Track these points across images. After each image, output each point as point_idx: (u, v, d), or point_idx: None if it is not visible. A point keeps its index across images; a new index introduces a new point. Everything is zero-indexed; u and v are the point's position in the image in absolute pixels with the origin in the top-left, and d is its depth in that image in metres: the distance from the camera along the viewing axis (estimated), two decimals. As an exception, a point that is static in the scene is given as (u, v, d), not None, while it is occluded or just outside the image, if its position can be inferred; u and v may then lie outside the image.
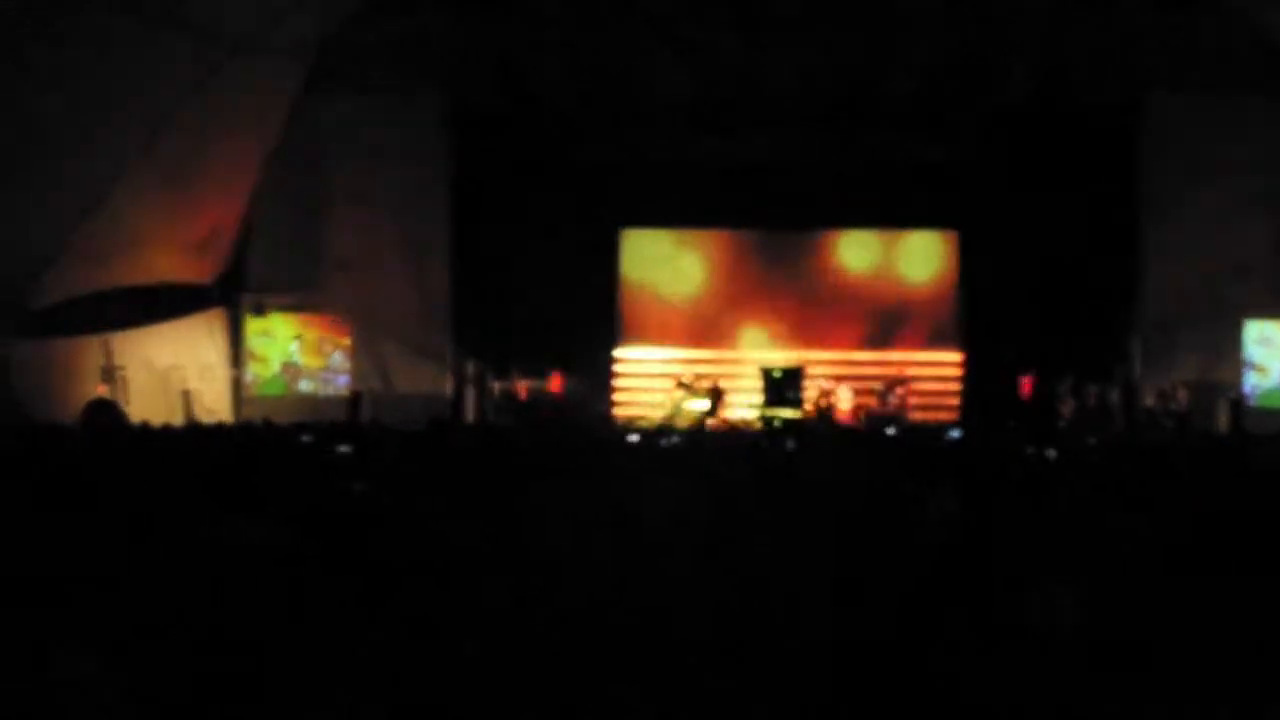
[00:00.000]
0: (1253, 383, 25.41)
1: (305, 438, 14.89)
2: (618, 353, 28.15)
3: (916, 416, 26.72)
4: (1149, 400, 25.37)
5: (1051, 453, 13.60)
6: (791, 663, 4.61)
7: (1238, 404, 24.50)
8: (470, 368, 26.37)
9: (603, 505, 6.96)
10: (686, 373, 27.15)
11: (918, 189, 26.70)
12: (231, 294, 25.67)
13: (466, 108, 26.14)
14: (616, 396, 27.82)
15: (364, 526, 6.48)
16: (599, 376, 27.62)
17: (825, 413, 26.47)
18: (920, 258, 28.30)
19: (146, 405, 21.91)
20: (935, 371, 27.85)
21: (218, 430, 18.32)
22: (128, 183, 21.40)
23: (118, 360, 22.85)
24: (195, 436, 16.71)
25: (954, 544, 6.19)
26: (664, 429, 22.63)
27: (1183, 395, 24.90)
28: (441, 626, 4.74)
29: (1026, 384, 25.84)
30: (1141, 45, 24.01)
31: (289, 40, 22.54)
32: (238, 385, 25.81)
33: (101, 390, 22.40)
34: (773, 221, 27.77)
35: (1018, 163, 26.07)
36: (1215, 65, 23.90)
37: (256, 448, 13.26)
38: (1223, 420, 24.44)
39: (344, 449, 12.57)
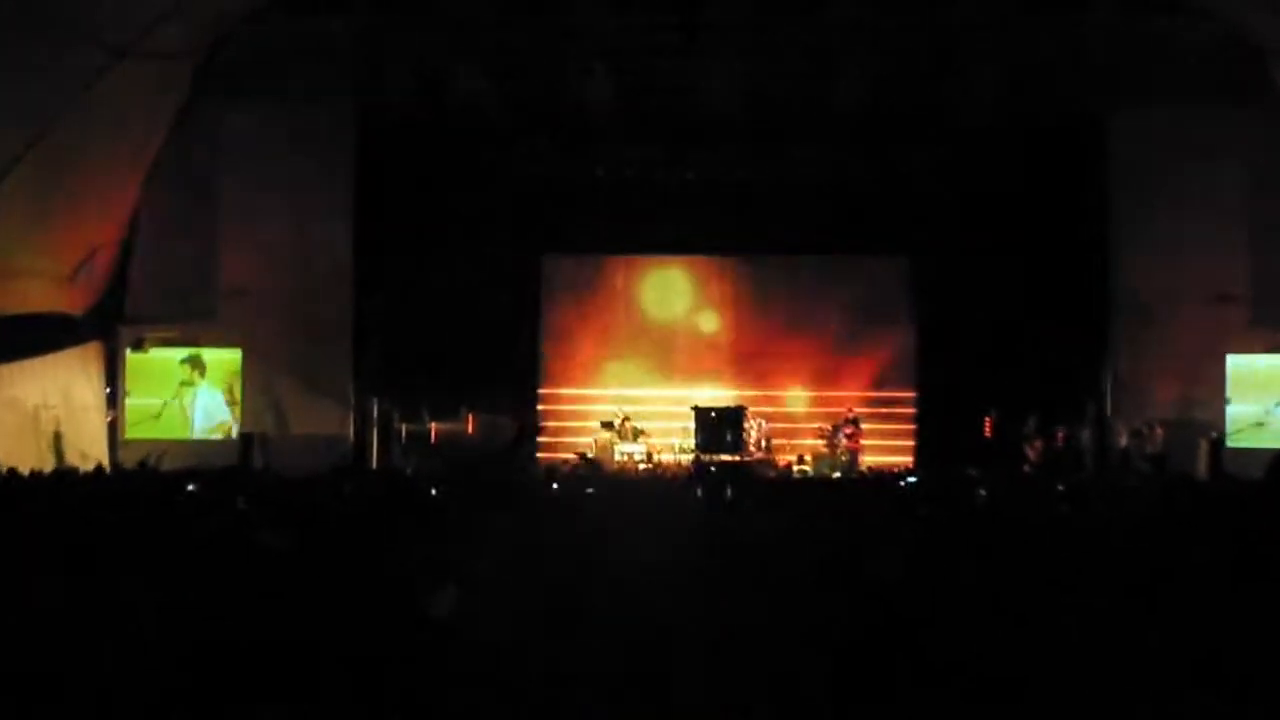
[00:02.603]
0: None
1: (190, 486, 14.68)
2: (541, 391, 28.17)
3: (868, 461, 26.81)
4: (1122, 440, 25.48)
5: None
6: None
7: (1218, 444, 24.54)
8: (374, 407, 26.17)
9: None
10: (616, 412, 27.23)
11: (867, 212, 26.93)
12: (109, 326, 25.31)
13: (374, 119, 25.98)
14: (540, 438, 27.77)
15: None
16: (520, 417, 27.50)
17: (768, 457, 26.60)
18: (869, 286, 28.42)
19: (13, 448, 21.37)
20: (888, 410, 28.01)
21: (93, 478, 18.03)
22: (-3, 201, 21.20)
23: (-20, 399, 22.55)
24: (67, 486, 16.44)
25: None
26: (587, 475, 22.58)
27: (1158, 435, 25.02)
28: None
29: (988, 424, 25.98)
30: (1108, 52, 24.07)
31: (176, 43, 22.34)
32: (114, 427, 25.46)
33: (-38, 432, 22.13)
34: (710, 247, 28.05)
35: (975, 182, 26.29)
36: (1189, 74, 23.94)
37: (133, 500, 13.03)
38: (1203, 462, 24.34)
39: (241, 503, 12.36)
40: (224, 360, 25.89)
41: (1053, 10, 23.17)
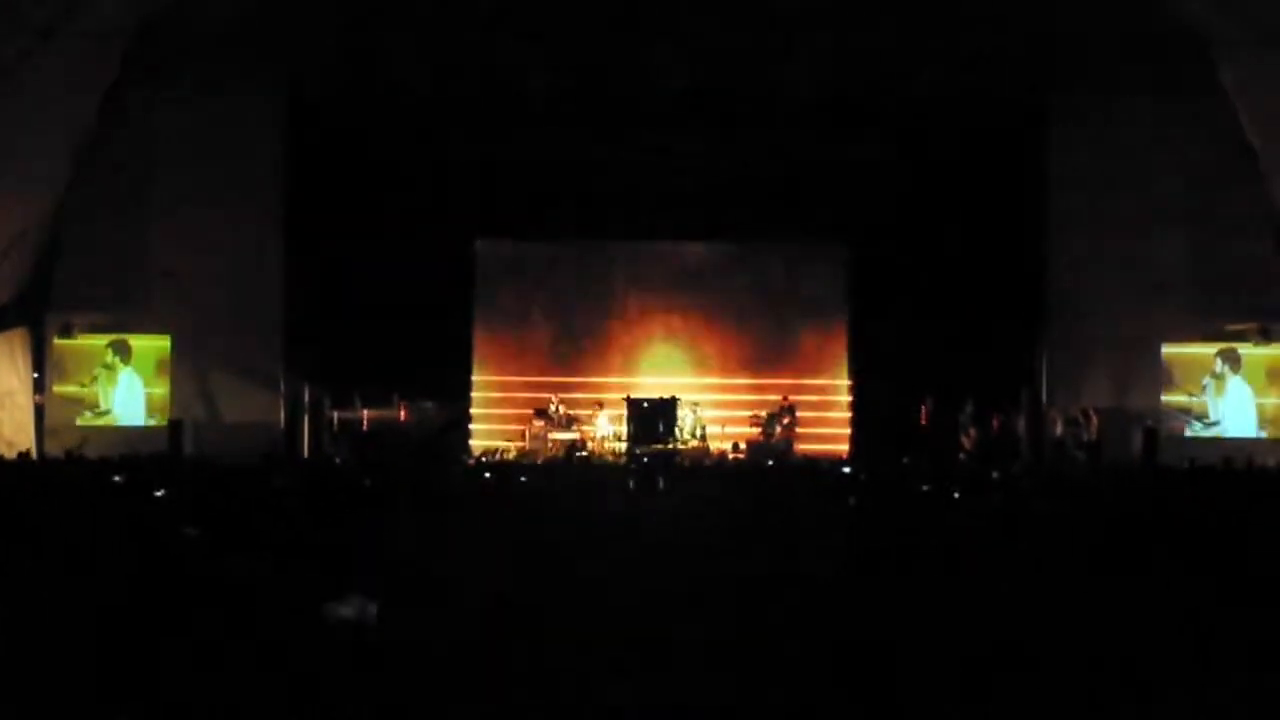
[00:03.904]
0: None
1: (117, 478, 14.74)
2: (473, 378, 28.17)
3: (803, 449, 26.85)
4: (1057, 428, 25.69)
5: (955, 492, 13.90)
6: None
7: (1153, 433, 24.84)
8: (305, 394, 26.00)
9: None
10: (550, 400, 27.29)
11: (804, 199, 26.89)
12: (36, 312, 25.22)
13: (306, 102, 25.96)
14: (472, 426, 27.78)
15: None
16: (452, 404, 27.46)
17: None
18: (805, 273, 28.52)
19: (-63, 437, 21.60)
20: (823, 399, 28.09)
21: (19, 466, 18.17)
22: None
23: (-96, 387, 22.36)
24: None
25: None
26: (522, 464, 22.76)
27: (1094, 423, 25.28)
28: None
29: (924, 412, 26.09)
30: (1050, 42, 24.34)
31: (101, 23, 22.17)
32: (41, 414, 25.38)
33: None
34: (646, 233, 27.95)
35: (913, 170, 26.30)
36: (1129, 65, 24.32)
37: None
38: (1137, 451, 24.73)
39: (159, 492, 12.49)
40: (150, 346, 25.82)
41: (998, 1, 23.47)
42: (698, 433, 26.84)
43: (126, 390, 25.85)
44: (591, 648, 5.68)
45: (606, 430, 27.06)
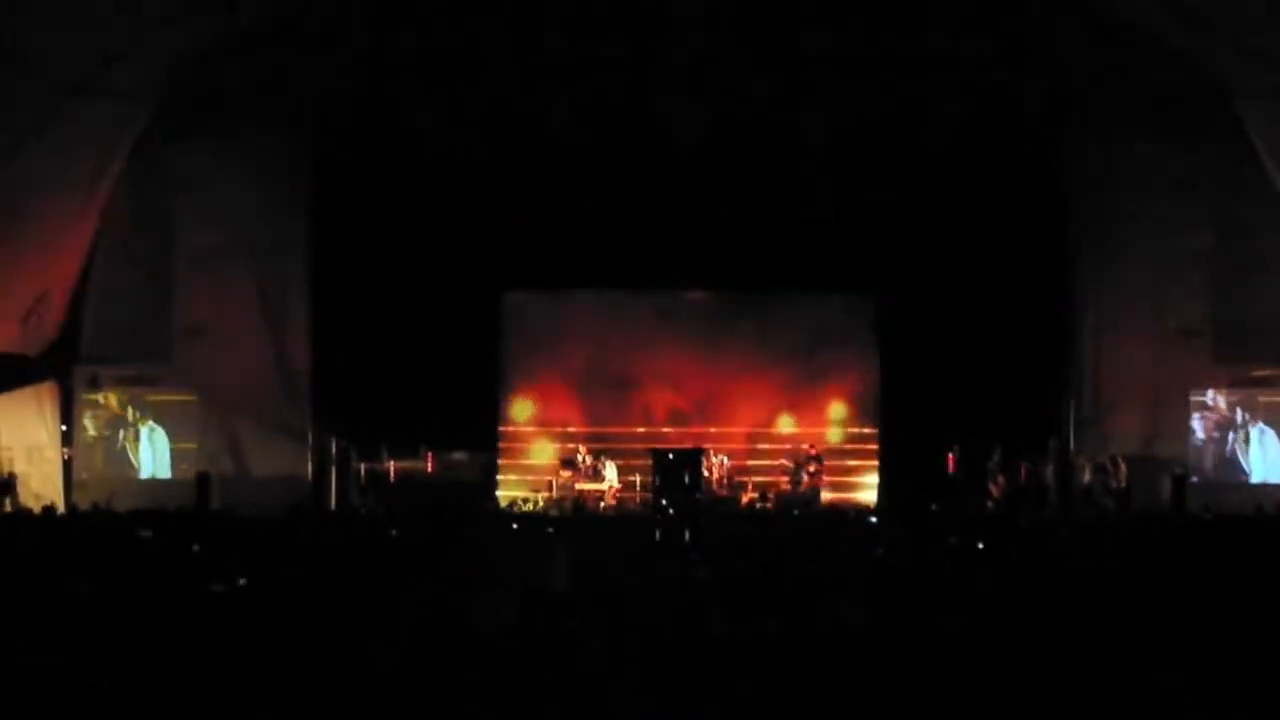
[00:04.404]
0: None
1: (146, 533, 14.69)
2: (501, 429, 28.11)
3: (830, 498, 26.74)
4: (1085, 475, 25.60)
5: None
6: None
7: (1182, 479, 24.70)
8: (333, 446, 25.95)
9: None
10: (577, 450, 27.28)
11: (831, 247, 26.68)
12: (63, 366, 25.29)
13: (330, 154, 26.07)
14: (499, 476, 27.70)
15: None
16: (480, 455, 27.27)
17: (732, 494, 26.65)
18: (834, 322, 28.32)
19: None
20: (851, 447, 28.00)
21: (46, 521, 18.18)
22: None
23: (-67, 442, 22.39)
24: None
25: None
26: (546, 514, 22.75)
27: (1123, 469, 25.13)
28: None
29: (951, 459, 25.96)
30: (1072, 89, 24.49)
31: (129, 80, 22.47)
32: (69, 468, 25.41)
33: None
34: (673, 282, 27.86)
35: (939, 218, 26.11)
36: (1152, 112, 24.45)
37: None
38: (1166, 497, 24.58)
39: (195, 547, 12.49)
40: (174, 398, 25.93)
41: (1018, 46, 23.50)
42: (725, 482, 26.71)
43: (153, 444, 25.90)
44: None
45: (614, 480, 26.96)
